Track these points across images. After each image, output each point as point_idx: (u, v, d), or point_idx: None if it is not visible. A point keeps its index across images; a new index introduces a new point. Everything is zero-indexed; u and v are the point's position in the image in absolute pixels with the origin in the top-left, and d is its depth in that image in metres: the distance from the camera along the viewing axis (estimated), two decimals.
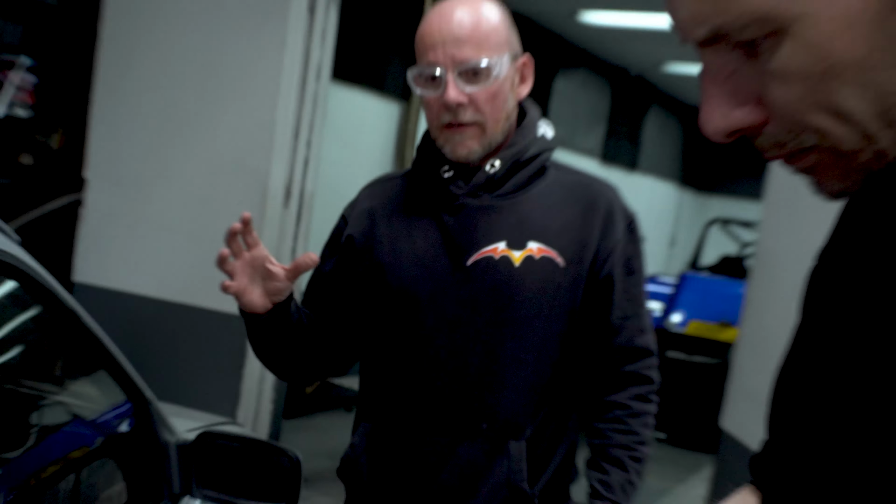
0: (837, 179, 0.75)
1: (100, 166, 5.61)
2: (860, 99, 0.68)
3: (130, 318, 5.23)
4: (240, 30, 5.19)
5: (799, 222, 3.72)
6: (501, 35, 2.00)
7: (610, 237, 2.06)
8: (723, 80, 0.74)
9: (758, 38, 0.69)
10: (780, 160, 0.77)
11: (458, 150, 2.00)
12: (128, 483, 2.13)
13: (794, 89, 0.69)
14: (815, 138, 0.72)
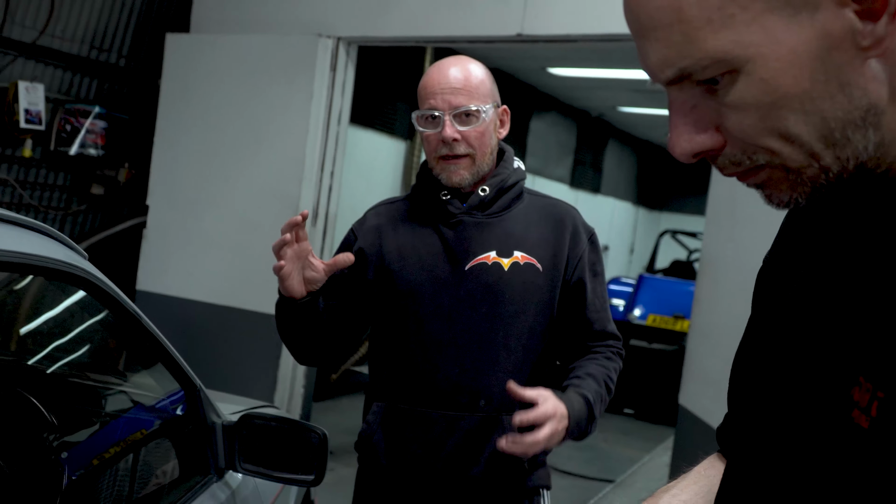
0: (787, 192, 0.74)
1: (159, 195, 5.62)
2: (805, 124, 0.69)
3: (184, 319, 5.21)
4: (275, 84, 5.22)
5: (735, 233, 3.67)
6: (487, 88, 2.09)
7: (577, 248, 2.12)
8: (687, 111, 0.74)
9: (716, 76, 0.70)
10: (735, 176, 0.77)
11: (453, 177, 2.07)
12: (180, 459, 2.07)
13: (749, 117, 0.70)
14: (767, 157, 0.72)
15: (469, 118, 2.03)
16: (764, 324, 0.89)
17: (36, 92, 5.40)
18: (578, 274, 2.11)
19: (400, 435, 2.08)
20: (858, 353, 0.71)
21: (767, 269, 0.92)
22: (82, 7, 5.67)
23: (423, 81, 2.09)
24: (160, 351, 1.94)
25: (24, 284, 2.06)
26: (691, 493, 1.07)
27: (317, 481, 1.97)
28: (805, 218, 0.86)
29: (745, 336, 0.95)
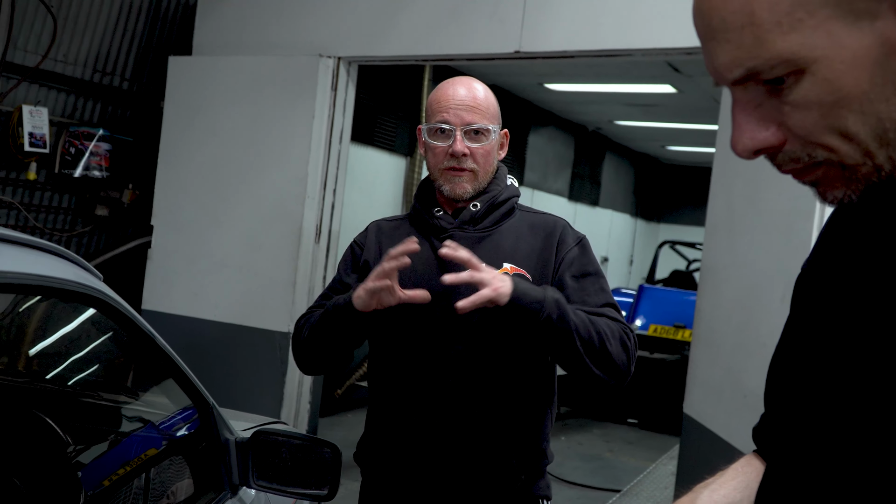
0: (841, 189, 0.78)
1: (164, 215, 5.62)
2: (862, 124, 0.73)
3: (190, 338, 5.22)
4: (277, 104, 5.24)
5: (734, 243, 3.67)
6: (495, 109, 2.16)
7: (562, 252, 2.13)
8: (751, 110, 0.77)
9: (782, 76, 0.74)
10: (792, 174, 0.81)
11: (457, 189, 2.12)
12: (194, 476, 2.07)
13: (811, 115, 0.74)
14: (825, 154, 0.76)
15: (478, 136, 2.10)
16: (803, 326, 0.90)
17: (40, 116, 5.42)
18: (560, 273, 2.12)
19: (398, 445, 2.10)
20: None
21: (807, 274, 0.94)
22: (85, 31, 5.70)
23: (436, 95, 2.14)
24: (173, 369, 1.95)
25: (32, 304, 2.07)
26: (730, 488, 1.08)
27: (330, 496, 1.98)
28: (845, 224, 0.90)
29: (783, 339, 0.96)
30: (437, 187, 2.15)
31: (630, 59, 4.50)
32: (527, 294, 1.92)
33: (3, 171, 5.46)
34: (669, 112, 10.56)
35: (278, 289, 5.17)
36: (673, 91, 9.20)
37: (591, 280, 2.13)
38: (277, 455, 1.99)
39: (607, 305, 2.10)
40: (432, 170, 2.15)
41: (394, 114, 8.51)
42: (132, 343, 1.97)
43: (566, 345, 1.95)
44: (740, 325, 3.49)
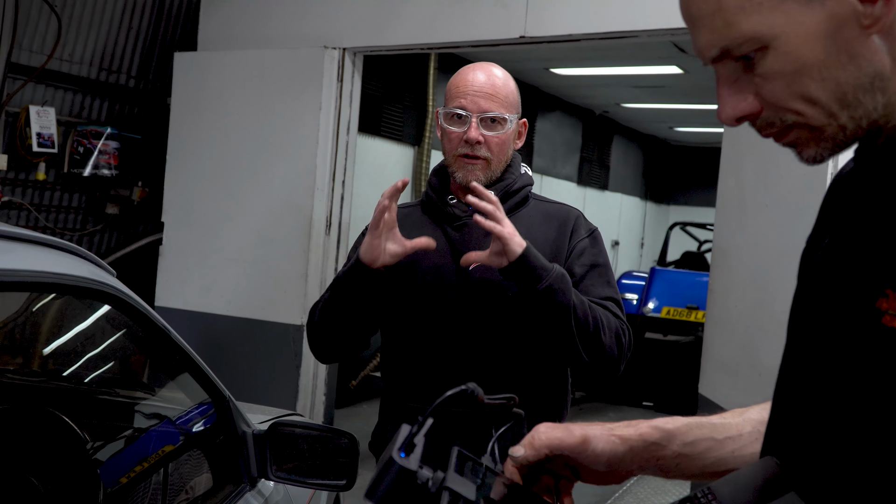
0: (813, 148, 0.88)
1: (174, 211, 5.64)
2: (823, 89, 0.83)
3: (204, 333, 5.23)
4: (283, 97, 5.24)
5: (745, 222, 3.67)
6: (514, 98, 2.15)
7: (573, 242, 2.14)
8: (730, 83, 0.89)
9: (750, 53, 0.85)
10: (772, 137, 0.90)
11: (469, 176, 2.09)
12: (212, 470, 2.08)
13: (778, 85, 0.85)
14: (794, 118, 0.86)
15: (494, 124, 2.08)
16: (803, 298, 0.98)
17: (47, 116, 5.43)
18: (570, 263, 2.12)
19: None
20: (884, 269, 0.82)
21: (808, 247, 1.03)
22: (90, 30, 5.70)
23: (455, 80, 2.12)
24: (189, 363, 1.96)
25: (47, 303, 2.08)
26: (759, 408, 1.14)
27: (348, 486, 1.98)
28: (841, 195, 0.98)
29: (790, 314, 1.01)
30: (450, 173, 2.15)
31: (636, 40, 4.49)
32: (537, 258, 1.94)
33: (13, 172, 5.48)
34: (676, 93, 10.52)
35: (290, 282, 5.18)
36: (679, 72, 9.16)
37: (599, 271, 2.14)
38: (295, 446, 2.00)
39: (611, 300, 2.10)
40: (447, 155, 2.15)
41: (400, 103, 8.51)
42: (147, 339, 1.98)
43: (561, 321, 1.95)
44: (754, 303, 3.48)
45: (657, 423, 1.10)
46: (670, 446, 1.09)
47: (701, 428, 1.12)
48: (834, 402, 0.84)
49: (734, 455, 1.10)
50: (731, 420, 1.15)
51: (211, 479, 2.07)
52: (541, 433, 1.06)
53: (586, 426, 1.07)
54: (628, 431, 1.08)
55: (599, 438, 1.06)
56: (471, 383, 1.05)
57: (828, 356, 0.86)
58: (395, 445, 0.88)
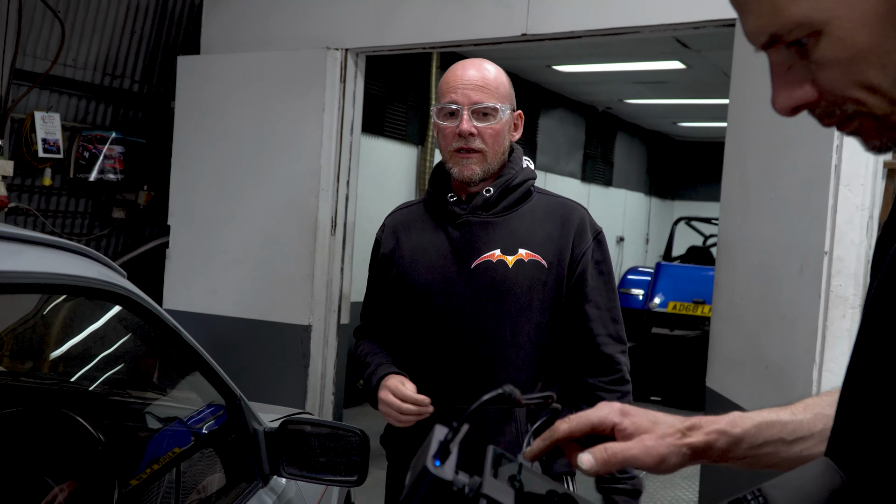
0: (877, 138, 0.82)
1: (180, 214, 5.66)
2: (884, 76, 0.77)
3: (212, 334, 5.25)
4: (287, 99, 5.26)
5: (749, 216, 3.67)
6: (506, 90, 2.14)
7: (581, 245, 2.13)
8: (784, 72, 0.83)
9: (802, 38, 0.79)
10: (834, 126, 0.84)
11: (465, 171, 2.11)
12: (225, 468, 2.09)
13: (834, 72, 0.79)
14: (854, 107, 0.80)
15: (486, 116, 2.08)
16: (876, 277, 0.90)
17: (52, 121, 5.46)
18: (581, 269, 2.13)
19: (422, 427, 2.09)
20: None
21: (882, 235, 0.95)
22: (93, 35, 5.73)
23: (445, 77, 2.14)
24: (200, 363, 1.97)
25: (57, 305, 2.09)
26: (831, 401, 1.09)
27: (360, 481, 2.00)
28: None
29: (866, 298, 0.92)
30: (448, 170, 2.15)
31: (638, 36, 4.49)
32: None
33: (19, 178, 5.50)
34: (679, 88, 10.52)
35: (296, 282, 5.20)
36: (682, 67, 9.16)
37: (605, 280, 2.16)
38: (306, 444, 2.01)
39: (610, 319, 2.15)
40: (443, 152, 2.15)
41: (403, 103, 8.52)
42: (158, 339, 1.99)
43: None
44: (759, 297, 3.49)
45: (726, 427, 1.08)
46: (736, 451, 1.07)
47: (771, 428, 1.08)
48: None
49: (801, 455, 1.07)
50: (803, 417, 1.10)
51: (224, 478, 2.08)
52: (616, 452, 1.05)
53: (660, 439, 1.06)
54: (697, 439, 1.07)
55: (673, 454, 1.06)
56: (507, 385, 1.03)
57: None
58: (430, 453, 0.85)
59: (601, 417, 1.09)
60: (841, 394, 0.88)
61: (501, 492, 0.85)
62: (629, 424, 1.09)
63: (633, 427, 1.09)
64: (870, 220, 3.06)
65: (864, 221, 3.06)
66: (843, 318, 3.03)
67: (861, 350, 0.85)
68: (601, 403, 1.12)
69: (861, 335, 0.86)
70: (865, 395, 0.83)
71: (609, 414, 1.09)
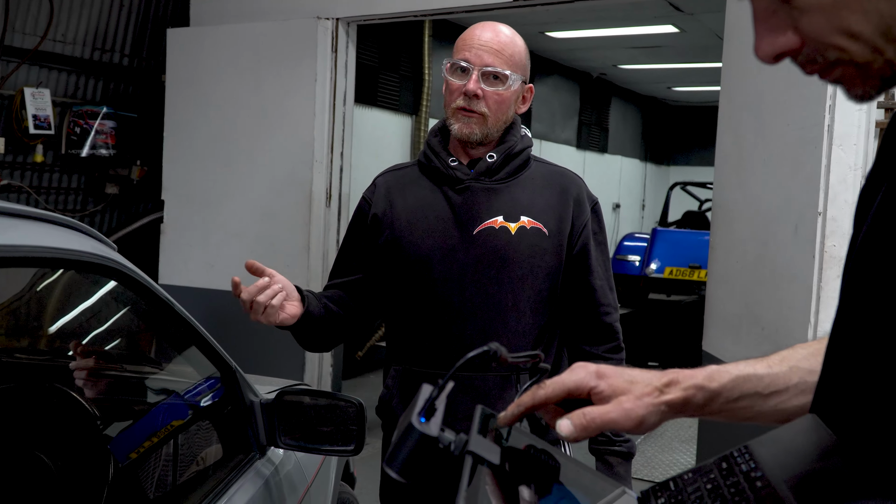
0: (860, 86, 0.80)
1: (174, 189, 5.64)
2: (866, 22, 0.75)
3: (209, 309, 5.24)
4: (278, 70, 5.23)
5: (744, 179, 3.67)
6: (521, 59, 2.13)
7: (581, 216, 2.14)
8: (767, 18, 0.81)
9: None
10: (817, 74, 0.82)
11: (464, 129, 2.09)
12: (222, 440, 2.10)
13: (816, 18, 0.77)
14: (837, 54, 0.78)
15: (496, 81, 2.07)
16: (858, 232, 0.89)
17: (42, 97, 5.43)
18: (583, 241, 2.13)
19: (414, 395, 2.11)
20: None
21: (863, 190, 0.93)
22: (81, 9, 5.68)
23: (464, 35, 2.13)
24: (195, 336, 1.97)
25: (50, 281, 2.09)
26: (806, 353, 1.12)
27: (357, 451, 2.00)
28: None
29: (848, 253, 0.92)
30: (448, 126, 2.14)
31: (630, 0, 4.46)
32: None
33: (10, 155, 5.48)
34: (673, 52, 10.48)
35: (293, 255, 5.19)
36: (675, 31, 9.12)
37: (602, 251, 2.19)
38: (303, 414, 2.01)
39: (609, 287, 2.18)
40: (446, 107, 2.14)
41: (396, 73, 8.48)
42: (152, 313, 1.99)
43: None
44: (755, 259, 3.49)
45: (703, 383, 1.08)
46: (713, 405, 1.08)
47: (747, 382, 1.09)
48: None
49: (776, 409, 1.08)
50: (779, 370, 1.11)
51: (221, 450, 2.09)
52: (595, 417, 1.05)
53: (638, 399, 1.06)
54: (674, 395, 1.07)
55: (651, 414, 1.06)
56: (493, 343, 1.03)
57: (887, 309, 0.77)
58: (416, 410, 0.84)
59: (577, 381, 1.09)
60: (827, 350, 0.87)
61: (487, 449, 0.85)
62: (605, 387, 1.09)
63: (610, 389, 1.08)
64: (862, 179, 3.06)
65: (857, 181, 3.06)
66: (837, 278, 3.03)
67: (847, 305, 0.84)
68: (576, 365, 1.12)
69: (846, 290, 0.84)
70: (852, 351, 0.82)
71: (585, 377, 1.09)
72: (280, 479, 2.15)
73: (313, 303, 2.12)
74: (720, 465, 0.81)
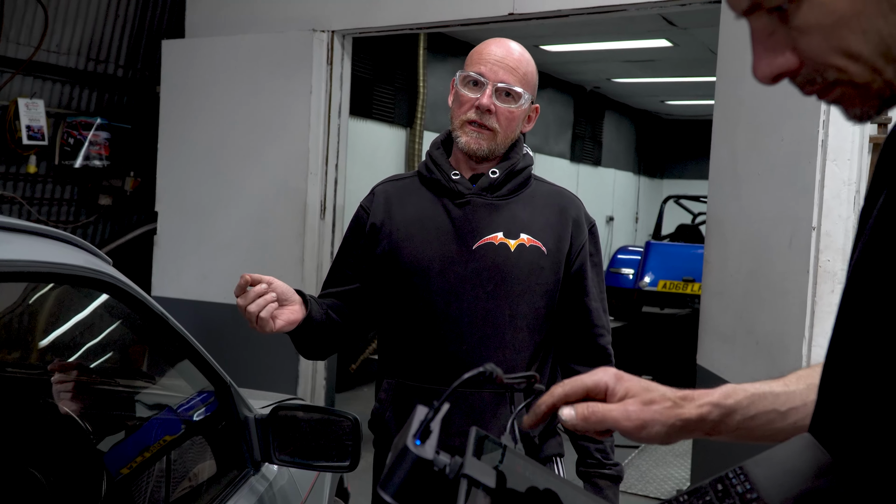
0: (859, 106, 0.80)
1: (168, 200, 5.63)
2: (865, 42, 0.75)
3: (202, 321, 5.23)
4: (273, 82, 5.23)
5: (738, 192, 3.67)
6: (532, 80, 2.15)
7: (579, 237, 2.16)
8: (765, 38, 0.80)
9: (783, 4, 0.76)
10: (816, 94, 0.82)
11: (471, 143, 2.09)
12: (216, 455, 2.08)
13: (815, 39, 0.77)
14: (836, 74, 0.78)
15: (509, 98, 2.08)
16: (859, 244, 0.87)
17: (36, 108, 5.42)
18: (580, 262, 2.14)
19: (410, 410, 2.08)
20: None
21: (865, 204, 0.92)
22: (76, 20, 5.67)
23: (479, 48, 2.13)
24: (189, 350, 1.96)
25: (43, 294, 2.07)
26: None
27: (352, 467, 1.99)
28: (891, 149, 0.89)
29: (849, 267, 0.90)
30: (454, 139, 2.12)
31: (624, 14, 4.47)
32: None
33: (3, 166, 5.46)
34: (666, 66, 10.51)
35: (287, 266, 5.18)
36: (669, 45, 9.15)
37: (597, 272, 2.20)
38: (297, 430, 2.00)
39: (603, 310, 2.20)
40: (454, 119, 2.12)
41: (391, 85, 8.49)
42: (146, 326, 1.98)
43: None
44: (750, 272, 3.49)
45: (719, 400, 1.07)
46: (729, 421, 1.07)
47: (764, 400, 1.07)
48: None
49: (795, 426, 1.06)
50: (796, 388, 1.09)
51: (215, 466, 2.07)
52: (596, 411, 1.05)
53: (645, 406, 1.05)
54: (689, 411, 1.06)
55: (656, 422, 1.05)
56: (489, 364, 1.02)
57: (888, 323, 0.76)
58: (410, 432, 0.83)
59: (595, 381, 1.09)
60: (824, 369, 0.86)
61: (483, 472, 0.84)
62: (621, 389, 1.08)
63: (625, 391, 1.08)
64: (857, 194, 3.06)
65: (850, 196, 3.06)
66: (831, 292, 3.03)
67: (843, 324, 0.83)
68: (598, 368, 1.12)
69: (843, 309, 0.83)
70: (849, 370, 0.80)
71: (604, 377, 1.10)
72: (274, 495, 2.13)
73: (315, 308, 2.09)
74: (716, 486, 0.81)
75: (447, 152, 2.19)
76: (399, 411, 2.12)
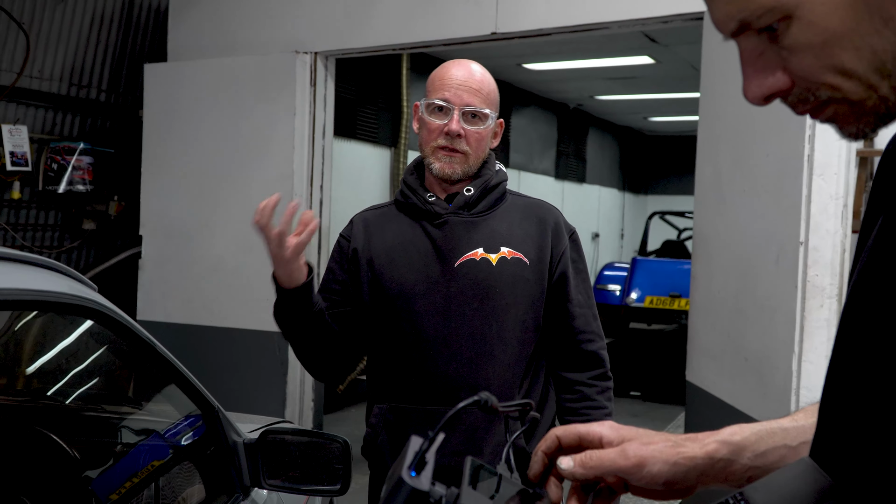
0: (854, 123, 0.79)
1: (152, 224, 5.60)
2: (858, 59, 0.74)
3: (188, 345, 5.20)
4: (257, 104, 5.22)
5: (723, 208, 3.68)
6: (495, 98, 2.16)
7: (559, 244, 2.17)
8: (755, 59, 0.80)
9: (772, 24, 0.75)
10: (808, 114, 0.81)
11: (446, 168, 2.10)
12: (205, 481, 2.06)
13: (806, 57, 0.76)
14: (829, 93, 0.77)
15: (475, 119, 2.09)
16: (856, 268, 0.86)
17: (20, 134, 5.39)
18: (562, 269, 2.15)
19: (403, 434, 2.08)
20: None
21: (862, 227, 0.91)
22: (58, 45, 5.66)
23: (440, 73, 2.13)
24: (175, 374, 1.94)
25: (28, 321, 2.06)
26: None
27: (343, 490, 1.97)
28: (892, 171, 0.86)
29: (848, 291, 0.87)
30: (426, 165, 2.13)
31: (606, 32, 4.49)
32: None
33: None
34: (649, 83, 10.57)
35: (272, 289, 5.14)
36: (651, 62, 9.20)
37: (582, 278, 2.21)
38: (287, 454, 1.98)
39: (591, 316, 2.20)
40: (424, 146, 2.13)
41: (374, 105, 8.50)
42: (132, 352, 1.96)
43: None
44: (737, 289, 3.49)
45: (725, 437, 1.02)
46: (740, 460, 1.01)
47: (773, 436, 1.03)
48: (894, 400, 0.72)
49: None
50: (805, 422, 1.04)
51: (203, 491, 2.05)
52: (594, 455, 1.01)
53: (644, 445, 1.01)
54: (694, 450, 1.01)
55: (657, 460, 1.00)
56: (483, 392, 1.01)
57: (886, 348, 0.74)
58: (405, 463, 0.82)
59: (589, 429, 1.06)
60: (823, 391, 0.83)
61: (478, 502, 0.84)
62: (617, 437, 1.05)
63: (620, 438, 1.05)
64: (844, 209, 3.07)
65: (838, 210, 3.07)
66: (820, 307, 3.04)
67: (843, 347, 0.81)
68: (594, 423, 1.09)
69: (842, 331, 0.81)
70: (848, 393, 0.78)
71: (599, 428, 1.06)
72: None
73: (315, 294, 2.11)
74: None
75: (421, 177, 2.20)
76: (392, 434, 2.11)
